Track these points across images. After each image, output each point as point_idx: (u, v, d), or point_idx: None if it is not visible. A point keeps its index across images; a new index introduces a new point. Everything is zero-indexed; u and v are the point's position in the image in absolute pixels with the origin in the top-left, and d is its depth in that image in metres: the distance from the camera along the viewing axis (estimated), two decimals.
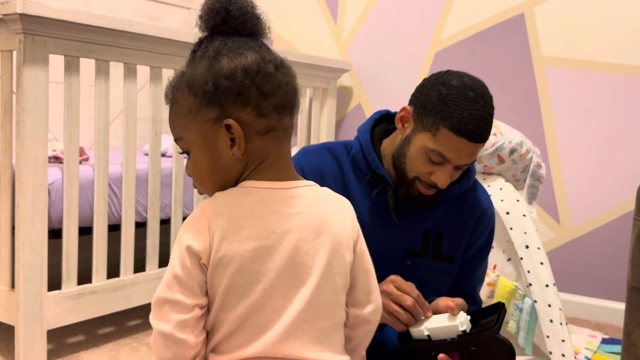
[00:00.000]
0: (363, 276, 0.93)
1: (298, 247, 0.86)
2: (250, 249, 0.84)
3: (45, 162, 1.73)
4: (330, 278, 0.87)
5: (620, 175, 2.47)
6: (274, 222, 0.85)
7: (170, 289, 0.85)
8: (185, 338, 0.84)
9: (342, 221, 0.90)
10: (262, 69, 0.86)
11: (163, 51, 2.05)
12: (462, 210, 1.31)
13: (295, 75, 0.91)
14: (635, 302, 1.42)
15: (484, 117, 1.15)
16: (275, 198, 0.87)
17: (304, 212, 0.87)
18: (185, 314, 0.84)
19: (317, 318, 0.87)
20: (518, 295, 1.96)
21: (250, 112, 0.86)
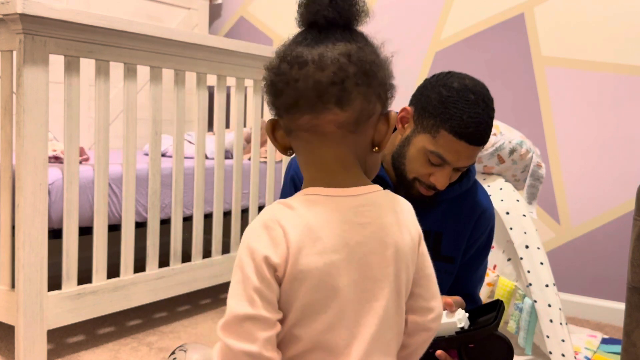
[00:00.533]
0: (424, 282, 0.88)
1: (369, 261, 0.81)
2: (328, 263, 0.79)
3: (45, 162, 1.73)
4: (398, 290, 0.84)
5: (620, 175, 2.47)
6: (346, 234, 0.80)
7: (253, 304, 0.77)
8: (272, 357, 0.78)
9: (406, 228, 0.85)
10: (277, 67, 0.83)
11: (163, 51, 2.06)
12: (462, 210, 1.31)
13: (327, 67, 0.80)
14: (635, 302, 1.42)
15: (484, 121, 1.15)
16: (345, 207, 0.81)
17: (373, 222, 0.82)
18: (270, 330, 0.78)
19: (386, 330, 0.84)
20: (518, 295, 1.96)
21: (274, 113, 0.85)
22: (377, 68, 0.83)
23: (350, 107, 0.80)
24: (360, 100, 0.81)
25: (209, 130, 3.07)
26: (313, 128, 0.81)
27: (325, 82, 0.79)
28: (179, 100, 2.17)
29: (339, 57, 0.80)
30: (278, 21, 3.26)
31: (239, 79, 2.39)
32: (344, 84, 0.79)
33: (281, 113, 0.84)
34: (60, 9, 1.70)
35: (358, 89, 0.80)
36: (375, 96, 0.83)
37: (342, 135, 0.81)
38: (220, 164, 2.34)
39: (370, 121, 0.83)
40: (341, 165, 0.83)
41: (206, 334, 2.17)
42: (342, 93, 0.80)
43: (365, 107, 0.81)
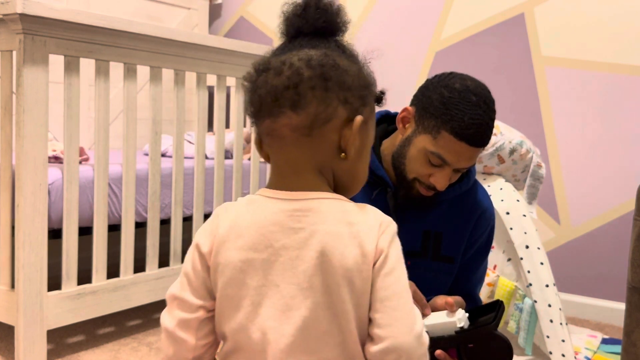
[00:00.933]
0: (377, 305, 0.78)
1: (295, 266, 0.79)
2: (244, 259, 0.80)
3: (45, 162, 1.73)
4: (329, 305, 0.78)
5: (620, 175, 2.47)
6: (273, 235, 0.79)
7: (180, 286, 0.85)
8: (185, 338, 0.83)
9: (357, 242, 0.78)
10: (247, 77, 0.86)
11: (163, 51, 2.05)
12: (462, 210, 1.31)
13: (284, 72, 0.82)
14: (635, 302, 1.42)
15: (485, 122, 1.15)
16: (279, 209, 0.81)
17: (307, 228, 0.79)
18: (188, 313, 0.83)
19: (318, 347, 0.79)
20: (518, 295, 1.95)
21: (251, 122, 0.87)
22: (340, 73, 0.82)
23: (304, 111, 0.81)
24: (315, 104, 0.81)
25: (209, 130, 3.07)
26: (272, 132, 0.83)
27: (280, 87, 0.81)
28: (178, 100, 2.17)
29: (297, 62, 0.82)
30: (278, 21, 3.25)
31: (239, 79, 2.39)
32: (298, 88, 0.80)
33: (253, 120, 0.85)
34: (60, 9, 1.70)
35: (313, 92, 0.81)
36: (338, 101, 0.82)
37: (296, 138, 0.82)
38: (220, 164, 2.34)
39: (329, 125, 0.82)
40: (292, 169, 0.83)
41: None
42: (296, 97, 0.80)
43: (321, 111, 0.81)
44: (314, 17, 0.97)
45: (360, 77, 0.85)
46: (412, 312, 0.79)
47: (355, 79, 0.84)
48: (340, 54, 0.88)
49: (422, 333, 0.79)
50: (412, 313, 0.79)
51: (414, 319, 0.79)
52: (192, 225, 2.29)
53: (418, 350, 0.78)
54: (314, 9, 0.98)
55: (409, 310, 0.79)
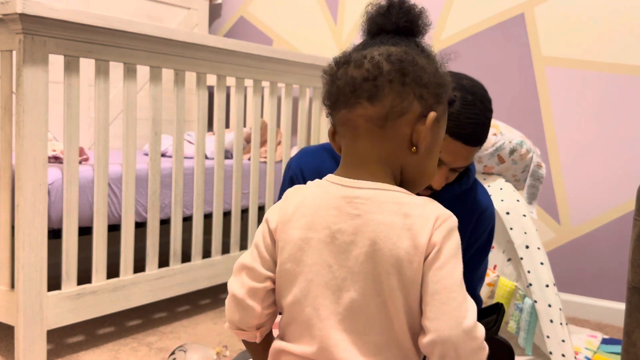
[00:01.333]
0: (427, 299, 0.80)
1: (348, 250, 0.82)
2: (303, 238, 0.85)
3: (45, 162, 1.73)
4: (378, 292, 0.81)
5: (620, 175, 2.47)
6: (331, 218, 0.84)
7: (251, 257, 0.89)
8: (253, 305, 0.88)
9: (411, 234, 0.81)
10: (328, 69, 0.90)
11: (163, 51, 2.05)
12: (462, 210, 1.31)
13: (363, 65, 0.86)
14: (635, 302, 1.42)
15: (481, 121, 1.15)
16: (340, 195, 0.84)
17: (362, 215, 0.82)
18: (257, 282, 0.88)
19: (366, 330, 0.82)
20: (518, 295, 1.95)
21: (328, 114, 0.91)
22: (418, 69, 0.86)
23: (380, 103, 0.84)
24: (392, 97, 0.84)
25: (208, 130, 3.07)
26: (347, 122, 0.86)
27: (359, 78, 0.84)
28: (178, 100, 2.17)
29: (377, 57, 0.85)
30: (278, 21, 3.26)
31: (239, 79, 2.39)
32: (376, 81, 0.84)
33: (329, 111, 0.89)
34: (60, 9, 1.70)
35: (390, 85, 0.84)
36: (414, 96, 0.85)
37: (369, 129, 0.85)
38: (220, 164, 2.34)
39: (403, 119, 0.85)
40: (360, 158, 0.86)
41: (206, 334, 2.17)
42: (373, 89, 0.84)
43: (397, 104, 0.84)
44: (396, 17, 1.02)
45: (436, 75, 0.88)
46: (462, 307, 0.80)
47: (432, 77, 0.87)
48: (419, 52, 0.91)
49: (473, 328, 0.80)
50: (463, 307, 0.80)
51: (464, 314, 0.80)
52: (192, 225, 2.29)
53: (467, 344, 0.79)
54: (398, 9, 1.03)
55: (458, 304, 0.80)
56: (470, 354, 0.80)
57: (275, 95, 2.56)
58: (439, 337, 0.79)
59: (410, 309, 0.82)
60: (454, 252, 0.82)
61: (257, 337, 0.92)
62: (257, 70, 2.43)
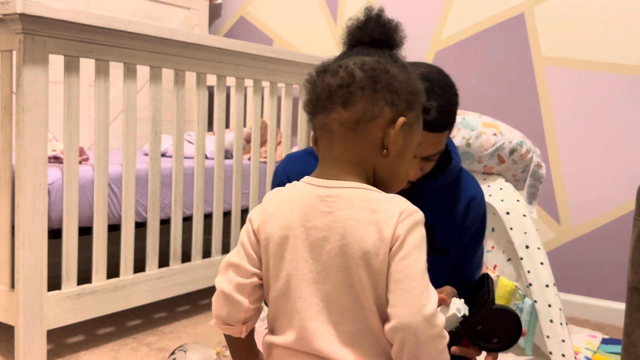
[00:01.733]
0: (390, 287, 0.85)
1: (322, 245, 0.88)
2: (282, 236, 0.90)
3: (45, 162, 1.73)
4: (350, 283, 0.87)
5: (620, 175, 2.47)
6: (306, 216, 0.89)
7: (237, 254, 0.95)
8: (240, 300, 0.93)
9: (377, 227, 0.86)
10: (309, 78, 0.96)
11: (163, 51, 2.05)
12: (450, 200, 1.31)
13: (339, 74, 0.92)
14: (635, 302, 1.42)
15: (441, 106, 1.15)
16: (313, 194, 0.91)
17: (333, 212, 0.88)
18: (244, 278, 0.93)
19: (341, 320, 0.88)
20: (518, 295, 1.95)
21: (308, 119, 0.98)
22: (389, 77, 0.92)
23: (352, 108, 0.91)
24: (364, 103, 0.91)
25: (208, 130, 3.07)
26: (323, 126, 0.93)
27: (335, 85, 0.91)
28: (178, 100, 2.17)
29: (352, 65, 0.92)
30: (278, 21, 3.26)
31: (239, 79, 2.39)
32: (349, 87, 0.91)
33: (310, 117, 0.96)
34: (60, 9, 1.70)
35: (363, 92, 0.91)
36: (385, 102, 0.91)
37: (343, 132, 0.91)
38: (220, 164, 2.34)
39: (374, 123, 0.91)
40: (334, 160, 0.93)
41: (206, 334, 2.17)
42: (347, 95, 0.91)
43: (368, 109, 0.91)
44: (372, 29, 1.09)
45: (408, 84, 0.94)
46: (423, 295, 0.84)
47: (403, 85, 0.93)
48: (392, 62, 0.97)
49: (433, 315, 0.84)
50: (424, 295, 0.84)
51: (425, 302, 0.84)
52: (192, 225, 2.29)
53: (427, 331, 0.83)
54: (374, 22, 1.10)
55: (419, 292, 0.84)
56: (429, 341, 0.84)
57: (275, 95, 2.56)
58: (399, 323, 0.83)
59: (379, 299, 0.87)
60: (417, 244, 0.87)
61: (243, 332, 0.97)
62: (257, 70, 2.43)
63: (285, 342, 0.91)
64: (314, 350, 0.88)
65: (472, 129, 1.97)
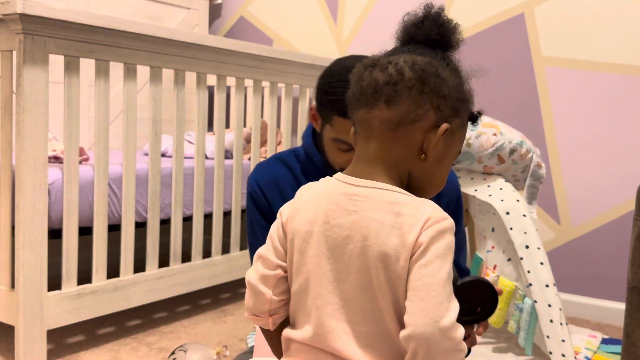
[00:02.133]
0: (409, 294, 0.83)
1: (344, 244, 0.87)
2: (307, 230, 0.90)
3: (45, 162, 1.73)
4: (369, 285, 0.86)
5: (620, 175, 2.47)
6: (331, 213, 0.88)
7: (265, 246, 0.95)
8: (264, 291, 0.93)
9: (400, 232, 0.84)
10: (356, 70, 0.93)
11: (163, 51, 2.05)
12: None
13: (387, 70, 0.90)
14: (635, 302, 1.42)
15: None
16: (341, 191, 0.89)
17: (358, 212, 0.87)
18: (269, 270, 0.93)
19: (358, 320, 0.87)
20: (518, 295, 1.96)
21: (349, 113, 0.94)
22: (439, 80, 0.89)
23: (396, 107, 0.88)
24: (408, 103, 0.88)
25: (209, 130, 3.07)
26: (364, 122, 0.91)
27: (381, 81, 0.89)
28: (179, 100, 2.17)
29: (402, 63, 0.89)
30: (278, 21, 3.26)
31: (239, 79, 2.39)
32: (396, 86, 0.88)
33: (351, 110, 0.93)
34: (60, 9, 1.70)
35: (409, 92, 0.88)
36: (431, 105, 0.88)
37: (382, 131, 0.89)
38: (220, 164, 2.34)
39: (416, 125, 0.88)
40: (369, 158, 0.90)
41: (206, 334, 2.17)
42: (392, 93, 0.88)
43: (412, 111, 0.88)
44: (428, 28, 1.07)
45: (458, 90, 0.92)
46: (441, 305, 0.82)
47: (453, 91, 0.90)
48: (444, 65, 0.94)
49: (450, 328, 0.81)
50: (443, 306, 0.82)
51: (443, 313, 0.81)
52: (192, 225, 2.29)
53: (442, 343, 0.81)
54: (431, 21, 1.08)
55: (437, 303, 0.81)
56: (444, 353, 0.81)
57: (275, 95, 2.56)
58: (413, 332, 0.81)
59: (397, 304, 0.85)
60: (442, 253, 0.83)
61: (270, 324, 0.96)
62: (257, 70, 2.43)
63: (303, 338, 0.90)
64: (330, 349, 0.87)
65: (472, 129, 1.97)
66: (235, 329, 2.22)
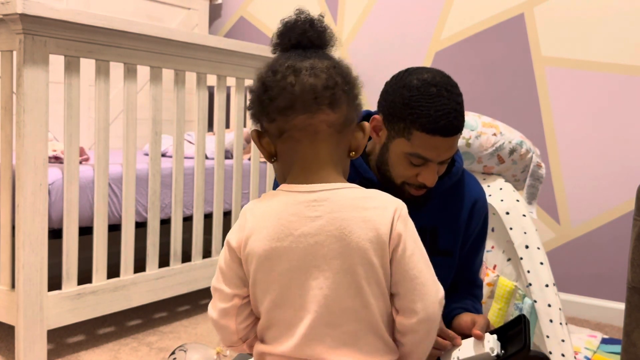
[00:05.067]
0: (407, 284, 0.89)
1: (315, 251, 0.87)
2: (267, 249, 0.89)
3: (45, 162, 1.73)
4: (351, 283, 0.87)
5: (620, 175, 2.47)
6: (292, 224, 0.88)
7: (217, 279, 0.95)
8: (227, 324, 0.94)
9: (372, 225, 0.87)
10: (270, 76, 0.94)
11: (163, 51, 2.06)
12: (454, 202, 1.31)
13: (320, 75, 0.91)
14: (635, 302, 1.42)
15: (452, 109, 1.15)
16: (297, 201, 0.89)
17: (323, 216, 0.88)
18: (226, 302, 0.94)
19: (341, 322, 0.88)
20: (518, 295, 1.96)
21: (264, 119, 0.93)
22: (353, 81, 0.95)
23: (339, 110, 0.92)
24: (345, 106, 0.93)
25: (209, 130, 3.07)
26: (307, 127, 0.91)
27: (320, 87, 0.90)
28: (179, 100, 2.17)
29: (329, 68, 0.92)
30: (278, 21, 3.25)
31: (239, 79, 2.39)
32: (334, 89, 0.91)
33: (274, 116, 0.92)
34: (60, 9, 1.70)
35: (344, 95, 0.92)
36: (354, 106, 0.95)
37: (330, 134, 0.92)
38: (220, 164, 2.34)
39: (351, 126, 0.95)
40: (318, 163, 0.92)
41: (206, 334, 2.17)
42: (333, 97, 0.91)
43: (349, 112, 0.93)
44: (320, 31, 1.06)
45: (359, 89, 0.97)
46: (436, 283, 0.90)
47: (359, 90, 0.97)
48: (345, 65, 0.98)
49: (443, 297, 0.91)
50: (437, 283, 0.90)
51: (438, 287, 0.90)
52: (192, 225, 2.29)
53: (440, 311, 0.91)
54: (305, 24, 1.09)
55: (433, 282, 0.90)
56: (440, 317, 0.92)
57: None
58: (426, 315, 0.88)
59: (384, 294, 0.89)
60: (416, 237, 0.91)
61: (246, 349, 0.97)
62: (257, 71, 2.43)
63: (283, 351, 0.90)
64: (313, 357, 0.88)
65: (472, 129, 1.97)
66: None
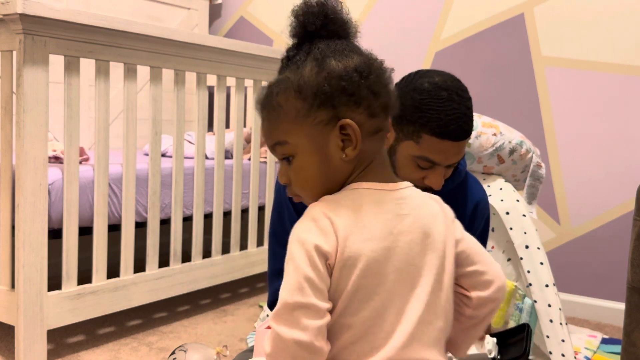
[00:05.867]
0: (476, 258, 0.92)
1: (410, 249, 0.85)
2: (374, 249, 0.82)
3: (45, 162, 1.73)
4: (441, 278, 0.87)
5: (620, 175, 2.47)
6: (389, 223, 0.85)
7: (303, 292, 0.78)
8: (322, 346, 0.79)
9: (443, 219, 0.90)
10: (373, 69, 0.89)
11: (163, 51, 2.06)
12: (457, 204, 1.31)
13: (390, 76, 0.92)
14: (635, 302, 1.42)
15: (462, 114, 1.15)
16: (387, 199, 0.87)
17: (411, 213, 0.87)
18: (321, 319, 0.79)
19: (433, 319, 0.86)
20: (518, 295, 1.95)
21: (362, 113, 0.87)
22: None
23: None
24: None
25: (209, 130, 3.07)
26: (386, 128, 0.92)
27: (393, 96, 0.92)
28: (179, 100, 2.17)
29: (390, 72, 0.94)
30: (278, 21, 3.26)
31: (239, 79, 2.39)
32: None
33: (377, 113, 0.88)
34: (60, 9, 1.70)
35: None
36: None
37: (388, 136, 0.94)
38: (220, 164, 2.34)
39: None
40: (383, 162, 0.92)
41: (206, 334, 2.17)
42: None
43: None
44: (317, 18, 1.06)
45: None
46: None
47: None
48: None
49: None
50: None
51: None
52: (192, 225, 2.29)
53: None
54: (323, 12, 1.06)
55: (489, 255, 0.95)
56: None
57: None
58: (501, 283, 0.92)
59: (453, 285, 0.91)
60: None
61: None
62: (257, 70, 2.43)
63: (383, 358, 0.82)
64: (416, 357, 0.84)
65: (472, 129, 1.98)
66: (235, 329, 2.22)
